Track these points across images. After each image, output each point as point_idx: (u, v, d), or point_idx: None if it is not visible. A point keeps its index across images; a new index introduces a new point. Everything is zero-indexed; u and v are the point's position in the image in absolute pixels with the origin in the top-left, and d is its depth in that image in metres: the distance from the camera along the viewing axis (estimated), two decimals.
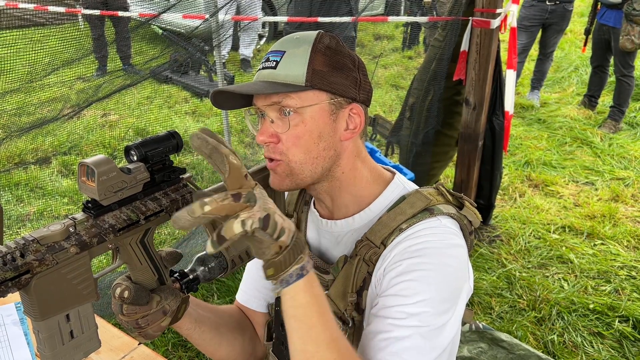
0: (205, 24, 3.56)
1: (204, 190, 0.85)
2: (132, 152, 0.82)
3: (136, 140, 0.83)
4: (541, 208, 3.64)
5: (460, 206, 1.00)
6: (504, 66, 3.13)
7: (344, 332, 0.99)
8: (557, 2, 5.01)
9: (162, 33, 4.48)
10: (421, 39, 7.24)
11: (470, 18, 2.82)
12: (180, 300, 0.90)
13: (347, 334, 0.99)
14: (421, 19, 5.60)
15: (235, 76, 5.42)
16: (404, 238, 0.92)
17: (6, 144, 3.06)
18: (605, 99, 5.42)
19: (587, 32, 5.01)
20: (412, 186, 1.05)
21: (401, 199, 0.99)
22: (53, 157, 4.17)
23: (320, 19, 3.42)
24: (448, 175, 3.92)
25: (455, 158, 3.35)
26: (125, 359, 1.26)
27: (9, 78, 2.60)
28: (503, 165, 3.45)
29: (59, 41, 2.72)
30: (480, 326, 2.35)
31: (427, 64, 3.24)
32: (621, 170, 4.16)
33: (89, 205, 0.76)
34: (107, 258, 2.85)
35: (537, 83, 5.62)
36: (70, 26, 4.62)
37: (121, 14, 3.96)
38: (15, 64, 2.59)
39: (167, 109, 5.24)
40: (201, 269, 0.94)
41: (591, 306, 2.68)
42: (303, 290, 0.77)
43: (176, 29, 4.85)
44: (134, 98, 4.63)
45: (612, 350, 2.43)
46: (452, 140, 3.33)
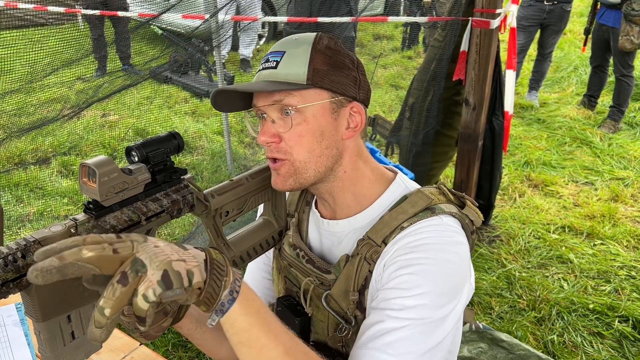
0: (205, 24, 3.56)
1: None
2: (133, 153, 0.82)
3: (136, 141, 0.83)
4: (541, 208, 3.64)
5: (461, 205, 1.00)
6: (503, 66, 3.13)
7: (347, 331, 0.99)
8: (555, 2, 5.01)
9: (162, 33, 4.48)
10: (421, 39, 7.25)
11: (469, 18, 2.82)
12: None
13: (350, 332, 0.99)
14: (421, 19, 5.60)
15: (235, 76, 5.42)
16: (405, 235, 0.93)
17: (6, 144, 3.06)
18: (605, 99, 5.42)
19: (587, 32, 5.01)
20: (414, 185, 1.05)
21: (403, 199, 1.00)
22: (53, 158, 4.17)
23: (320, 19, 3.42)
24: (448, 175, 3.92)
25: (455, 158, 3.35)
26: (126, 359, 1.26)
27: (8, 78, 2.60)
28: (503, 165, 3.44)
29: (59, 41, 2.72)
30: (480, 326, 2.35)
31: (427, 64, 3.24)
32: (621, 170, 4.16)
33: (90, 206, 0.76)
34: None
35: (536, 84, 5.62)
36: (70, 26, 4.63)
37: (121, 14, 3.95)
38: (15, 64, 2.59)
39: (167, 109, 5.24)
40: None
41: (591, 306, 2.68)
42: (241, 314, 0.73)
43: (176, 29, 4.86)
44: (133, 98, 4.63)
45: (612, 350, 2.43)
46: (452, 140, 3.33)
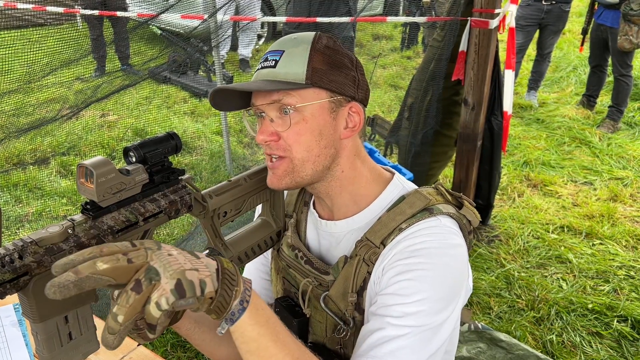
0: (204, 24, 3.56)
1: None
2: (131, 154, 0.81)
3: (135, 141, 0.83)
4: (540, 208, 3.64)
5: (459, 206, 1.00)
6: (502, 66, 3.13)
7: (345, 333, 0.99)
8: (554, 2, 5.02)
9: (161, 33, 4.48)
10: (420, 39, 7.26)
11: (468, 18, 2.82)
12: None
13: (349, 334, 0.99)
14: (420, 19, 5.60)
15: (234, 76, 5.42)
16: (404, 237, 0.92)
17: (5, 144, 3.05)
18: (604, 99, 5.43)
19: (584, 32, 5.02)
20: (412, 186, 1.05)
21: (400, 199, 0.99)
22: (52, 158, 4.16)
23: (319, 19, 3.42)
24: (447, 175, 3.92)
25: (454, 158, 3.35)
26: (124, 359, 1.26)
27: (7, 79, 2.60)
28: (502, 165, 3.45)
29: (58, 41, 2.71)
30: (479, 326, 2.35)
31: (426, 64, 3.24)
32: (620, 170, 4.16)
33: (88, 206, 0.76)
34: None
35: (534, 84, 5.63)
36: (69, 26, 4.61)
37: (120, 14, 3.95)
38: (13, 64, 2.59)
39: (166, 109, 5.23)
40: None
41: (590, 306, 2.68)
42: (250, 323, 0.74)
43: (175, 29, 4.85)
44: (132, 98, 4.63)
45: (611, 350, 2.43)
46: (451, 140, 3.33)
